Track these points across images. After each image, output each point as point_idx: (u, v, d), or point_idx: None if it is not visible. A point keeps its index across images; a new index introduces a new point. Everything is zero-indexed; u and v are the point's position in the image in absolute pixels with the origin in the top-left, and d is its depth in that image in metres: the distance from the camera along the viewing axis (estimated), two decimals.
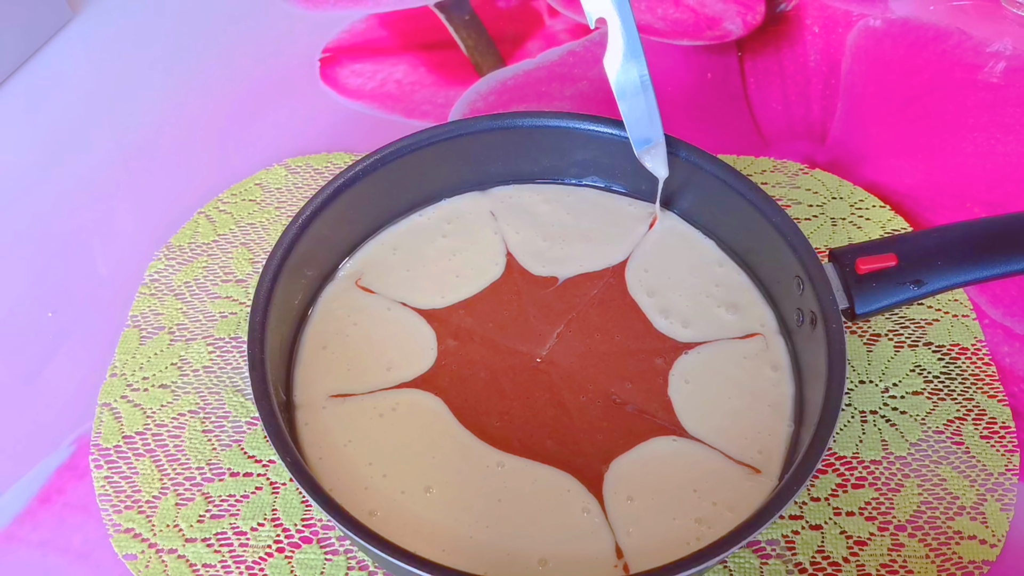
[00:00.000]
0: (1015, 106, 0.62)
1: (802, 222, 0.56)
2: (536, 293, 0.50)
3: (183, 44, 0.70)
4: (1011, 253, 0.43)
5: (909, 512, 0.45)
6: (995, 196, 0.58)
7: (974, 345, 0.51)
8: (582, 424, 0.45)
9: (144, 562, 0.44)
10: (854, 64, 0.66)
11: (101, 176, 0.61)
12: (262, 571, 0.44)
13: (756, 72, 0.66)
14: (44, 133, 0.64)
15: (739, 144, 0.62)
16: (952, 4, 0.69)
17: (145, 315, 0.53)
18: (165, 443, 0.48)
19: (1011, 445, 0.47)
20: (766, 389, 0.46)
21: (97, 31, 0.70)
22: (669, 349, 0.48)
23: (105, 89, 0.66)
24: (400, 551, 0.36)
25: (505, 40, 0.69)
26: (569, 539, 0.42)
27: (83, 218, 0.59)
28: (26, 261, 0.56)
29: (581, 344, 0.48)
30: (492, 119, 0.51)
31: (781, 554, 0.44)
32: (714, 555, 0.36)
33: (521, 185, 0.55)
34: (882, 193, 0.58)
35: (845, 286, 0.43)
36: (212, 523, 0.45)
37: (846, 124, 0.62)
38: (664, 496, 0.43)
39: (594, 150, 0.52)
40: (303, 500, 0.46)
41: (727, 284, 0.50)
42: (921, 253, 0.43)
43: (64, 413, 0.50)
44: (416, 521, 0.42)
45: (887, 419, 0.48)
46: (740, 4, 0.70)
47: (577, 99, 0.64)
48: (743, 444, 0.44)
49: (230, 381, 0.50)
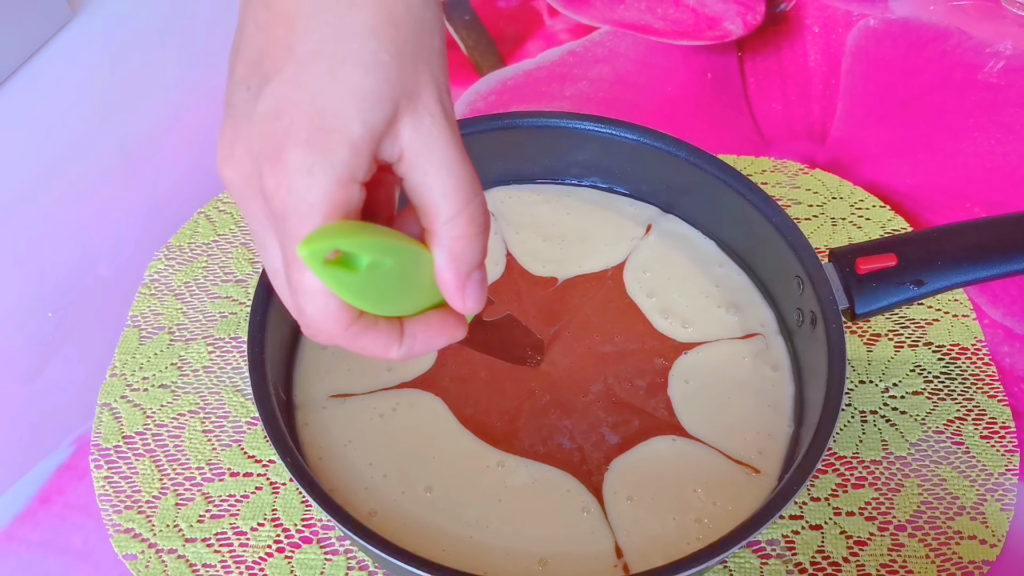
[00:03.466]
0: (1015, 106, 0.62)
1: (802, 222, 0.56)
2: (536, 293, 0.50)
3: (183, 44, 0.70)
4: (1011, 253, 0.43)
5: (909, 512, 0.45)
6: (995, 196, 0.58)
7: (974, 345, 0.51)
8: (582, 424, 0.45)
9: (144, 562, 0.44)
10: (854, 64, 0.66)
11: (101, 176, 0.61)
12: (262, 571, 0.44)
13: (756, 72, 0.66)
14: (44, 133, 0.63)
15: (739, 144, 0.62)
16: (952, 4, 0.69)
17: (145, 315, 0.53)
18: (165, 443, 0.48)
19: (1011, 445, 0.47)
20: (766, 389, 0.46)
21: (97, 31, 0.70)
22: (669, 349, 0.48)
23: (105, 89, 0.66)
24: (400, 551, 0.36)
25: (505, 40, 0.69)
26: (569, 539, 0.42)
27: (83, 218, 0.58)
28: (26, 261, 0.56)
29: (581, 344, 0.48)
30: (492, 119, 0.51)
31: (781, 554, 0.44)
32: (714, 555, 0.36)
33: (521, 185, 0.54)
34: (882, 193, 0.58)
35: (845, 286, 0.43)
36: (212, 523, 0.45)
37: (846, 124, 0.62)
38: (664, 496, 0.43)
39: (594, 150, 0.52)
40: (303, 500, 0.46)
41: (727, 284, 0.50)
42: (921, 253, 0.43)
43: (64, 413, 0.50)
44: (416, 521, 0.42)
45: (887, 419, 0.48)
46: (740, 4, 0.70)
47: (577, 99, 0.64)
48: (743, 444, 0.44)
49: (230, 381, 0.50)
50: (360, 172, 0.28)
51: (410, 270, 0.30)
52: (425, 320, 0.32)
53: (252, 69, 0.29)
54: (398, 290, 0.31)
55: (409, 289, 0.31)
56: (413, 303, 0.32)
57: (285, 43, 0.28)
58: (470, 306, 0.32)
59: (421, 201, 0.30)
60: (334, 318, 0.29)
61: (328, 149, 0.27)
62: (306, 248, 0.27)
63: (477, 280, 0.31)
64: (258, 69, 0.29)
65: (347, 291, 0.29)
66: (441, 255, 0.30)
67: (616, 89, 0.65)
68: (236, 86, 0.29)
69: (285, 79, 0.28)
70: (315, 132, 0.27)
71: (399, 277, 0.30)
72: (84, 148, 0.62)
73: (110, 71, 0.68)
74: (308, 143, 0.27)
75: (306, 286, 0.28)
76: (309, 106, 0.27)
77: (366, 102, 0.28)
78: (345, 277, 0.28)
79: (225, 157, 0.29)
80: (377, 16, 0.28)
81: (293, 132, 0.27)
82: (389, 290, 0.30)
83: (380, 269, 0.29)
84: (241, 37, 0.30)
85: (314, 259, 0.27)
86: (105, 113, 0.65)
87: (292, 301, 0.30)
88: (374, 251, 0.28)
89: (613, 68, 0.66)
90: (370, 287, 0.29)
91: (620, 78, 0.66)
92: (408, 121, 0.29)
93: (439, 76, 0.30)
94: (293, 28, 0.28)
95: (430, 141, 0.29)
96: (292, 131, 0.27)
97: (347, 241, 0.28)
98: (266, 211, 0.29)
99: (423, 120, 0.29)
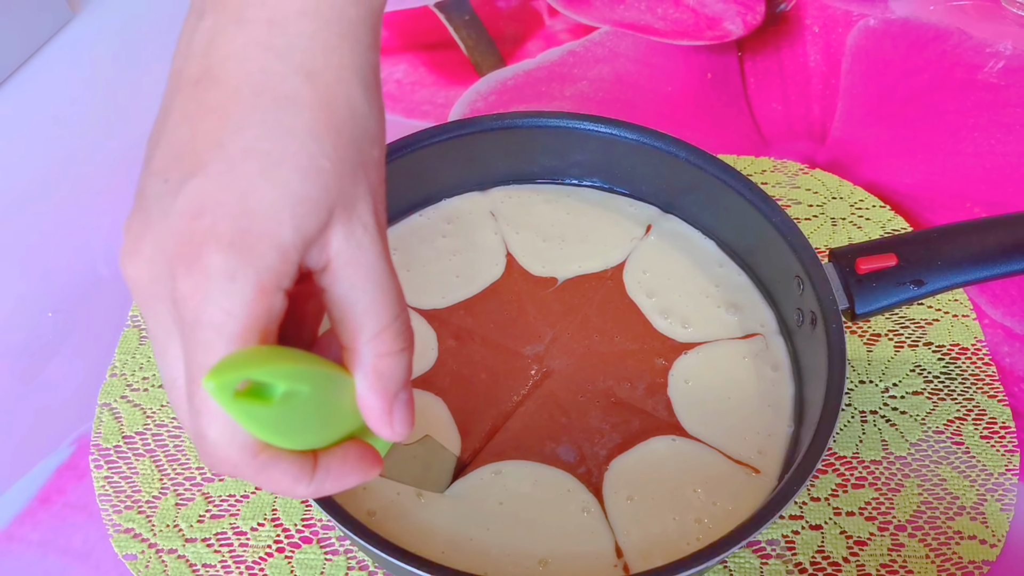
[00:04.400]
0: (1015, 106, 0.62)
1: (802, 222, 0.56)
2: (536, 293, 0.50)
3: None
4: (1011, 253, 0.43)
5: (909, 512, 0.45)
6: (995, 196, 0.58)
7: (974, 345, 0.51)
8: (582, 424, 0.45)
9: (144, 562, 0.44)
10: (854, 64, 0.66)
11: (101, 176, 0.61)
12: (262, 571, 0.44)
13: (756, 72, 0.66)
14: (44, 133, 0.63)
15: (739, 144, 0.62)
16: (952, 4, 0.69)
17: None
18: (165, 443, 0.48)
19: (1011, 445, 0.47)
20: (766, 389, 0.46)
21: (97, 31, 0.70)
22: (669, 349, 0.48)
23: (105, 89, 0.66)
24: (400, 551, 0.36)
25: (505, 40, 0.69)
26: (569, 539, 0.42)
27: (83, 218, 0.58)
28: (26, 261, 0.56)
29: (581, 344, 0.48)
30: (492, 119, 0.51)
31: (781, 554, 0.44)
32: (714, 555, 0.36)
33: (521, 185, 0.54)
34: (882, 193, 0.58)
35: (845, 286, 0.43)
36: (212, 523, 0.45)
37: (846, 124, 0.62)
38: (664, 496, 0.43)
39: (594, 150, 0.52)
40: (303, 500, 0.46)
41: (727, 284, 0.50)
42: (921, 253, 0.43)
43: (64, 413, 0.50)
44: (416, 521, 0.42)
45: (887, 419, 0.48)
46: (740, 4, 0.70)
47: (577, 99, 0.64)
48: (743, 444, 0.44)
49: None
50: (286, 280, 0.26)
51: (329, 397, 0.28)
52: (342, 453, 0.29)
53: (173, 161, 0.26)
54: (314, 420, 0.28)
55: (326, 418, 0.28)
56: (328, 434, 0.29)
57: (215, 137, 0.26)
58: (398, 430, 0.29)
59: (343, 315, 0.28)
60: (239, 446, 0.26)
61: (255, 254, 0.25)
62: (213, 380, 0.24)
63: (404, 401, 0.29)
64: (180, 162, 0.26)
65: (258, 425, 0.26)
66: (364, 377, 0.28)
67: (616, 89, 0.65)
68: (152, 177, 0.27)
69: (211, 176, 0.25)
70: (241, 235, 0.25)
71: (316, 406, 0.27)
72: (84, 148, 0.62)
73: (110, 71, 0.68)
74: (232, 246, 0.25)
75: (211, 408, 0.25)
76: (236, 206, 0.25)
77: (301, 208, 0.26)
78: (256, 410, 0.25)
79: (130, 253, 0.27)
80: (319, 119, 0.27)
81: (216, 233, 0.25)
82: (304, 421, 0.27)
83: (296, 399, 0.26)
84: (164, 125, 0.27)
85: (222, 392, 0.24)
86: (105, 113, 0.65)
87: (191, 422, 0.26)
88: (291, 379, 0.26)
89: (613, 68, 0.66)
90: (284, 419, 0.26)
91: (620, 78, 0.66)
92: (340, 230, 0.27)
93: (376, 185, 0.28)
94: (225, 122, 0.26)
95: (359, 253, 0.27)
96: (215, 231, 0.25)
97: (261, 371, 0.25)
98: (174, 316, 0.26)
99: (355, 230, 0.27)
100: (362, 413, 0.29)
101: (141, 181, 0.27)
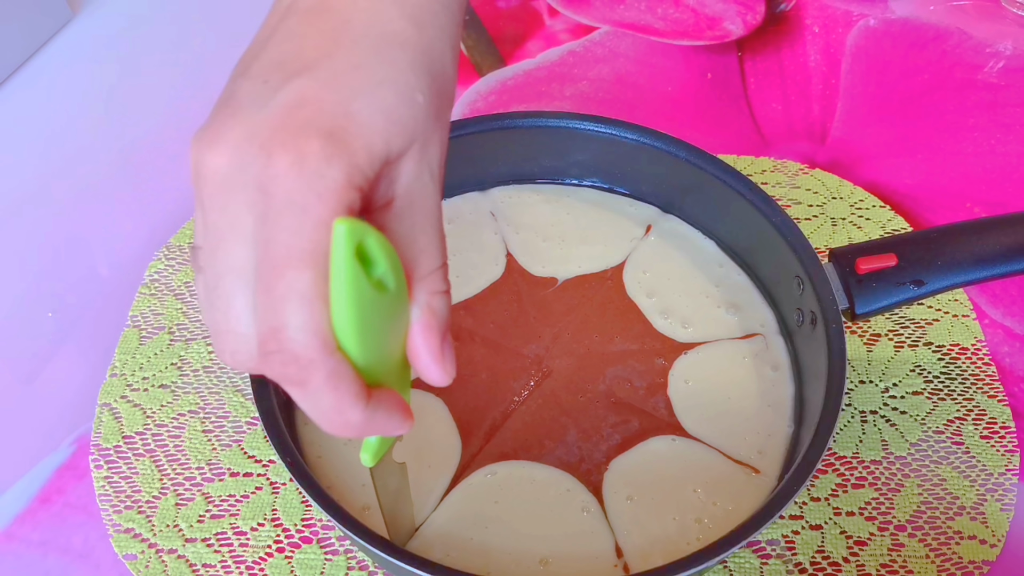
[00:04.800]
0: (1015, 106, 0.62)
1: (802, 222, 0.56)
2: (536, 294, 0.50)
3: (183, 44, 0.70)
4: (1011, 253, 0.43)
5: (909, 512, 0.45)
6: (995, 196, 0.58)
7: (974, 345, 0.51)
8: (582, 424, 0.45)
9: (144, 562, 0.44)
10: (854, 64, 0.66)
11: (101, 176, 0.61)
12: (262, 571, 0.44)
13: (756, 72, 0.66)
14: (44, 133, 0.63)
15: (739, 144, 0.62)
16: (952, 4, 0.69)
17: (145, 315, 0.53)
18: (165, 443, 0.48)
19: (1011, 445, 0.47)
20: (766, 389, 0.46)
21: (97, 31, 0.70)
22: (669, 349, 0.48)
23: (105, 89, 0.66)
24: (400, 551, 0.36)
25: (505, 40, 0.69)
26: (569, 539, 0.42)
27: (83, 218, 0.58)
28: (26, 261, 0.56)
29: (581, 344, 0.48)
30: (492, 119, 0.51)
31: (781, 554, 0.44)
32: (714, 555, 0.36)
33: (521, 185, 0.55)
34: (882, 193, 0.58)
35: (845, 286, 0.43)
36: (212, 523, 0.45)
37: (846, 124, 0.62)
38: (664, 496, 0.43)
39: (594, 150, 0.52)
40: (303, 500, 0.46)
41: (727, 284, 0.50)
42: (921, 253, 0.43)
43: (64, 413, 0.50)
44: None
45: (887, 419, 0.48)
46: (740, 4, 0.70)
47: (577, 99, 0.64)
48: (743, 444, 0.44)
49: (230, 381, 0.50)
50: (365, 185, 0.26)
51: (397, 311, 0.27)
52: (388, 395, 0.29)
53: (275, 68, 0.27)
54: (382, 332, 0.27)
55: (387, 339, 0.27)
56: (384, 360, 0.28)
57: (323, 51, 0.27)
58: (448, 369, 0.29)
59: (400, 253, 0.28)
60: (321, 338, 0.25)
61: (349, 149, 0.26)
62: (345, 224, 0.23)
63: (451, 344, 0.30)
64: (284, 68, 0.27)
65: (353, 299, 0.25)
66: (419, 310, 0.28)
67: (616, 89, 0.65)
68: (248, 80, 0.27)
69: (317, 78, 0.27)
70: (339, 129, 0.26)
71: (388, 315, 0.27)
72: (84, 148, 0.62)
73: (110, 71, 0.68)
74: (331, 136, 0.26)
75: (299, 292, 0.25)
76: (338, 106, 0.26)
77: (393, 126, 0.27)
78: (361, 282, 0.24)
79: (211, 141, 0.27)
80: (420, 61, 0.29)
81: (316, 123, 0.26)
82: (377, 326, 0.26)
83: (381, 296, 0.26)
84: (265, 43, 0.28)
85: (350, 238, 0.24)
86: (105, 113, 0.65)
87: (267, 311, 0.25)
88: (391, 262, 0.25)
89: (613, 68, 0.66)
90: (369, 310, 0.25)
91: (620, 78, 0.66)
92: (412, 167, 0.28)
93: (446, 141, 0.30)
94: (336, 42, 0.28)
95: (424, 195, 0.29)
96: (315, 122, 0.26)
97: (376, 237, 0.25)
98: (250, 202, 0.26)
99: (423, 172, 0.29)
100: (413, 352, 0.29)
101: (231, 85, 0.28)
